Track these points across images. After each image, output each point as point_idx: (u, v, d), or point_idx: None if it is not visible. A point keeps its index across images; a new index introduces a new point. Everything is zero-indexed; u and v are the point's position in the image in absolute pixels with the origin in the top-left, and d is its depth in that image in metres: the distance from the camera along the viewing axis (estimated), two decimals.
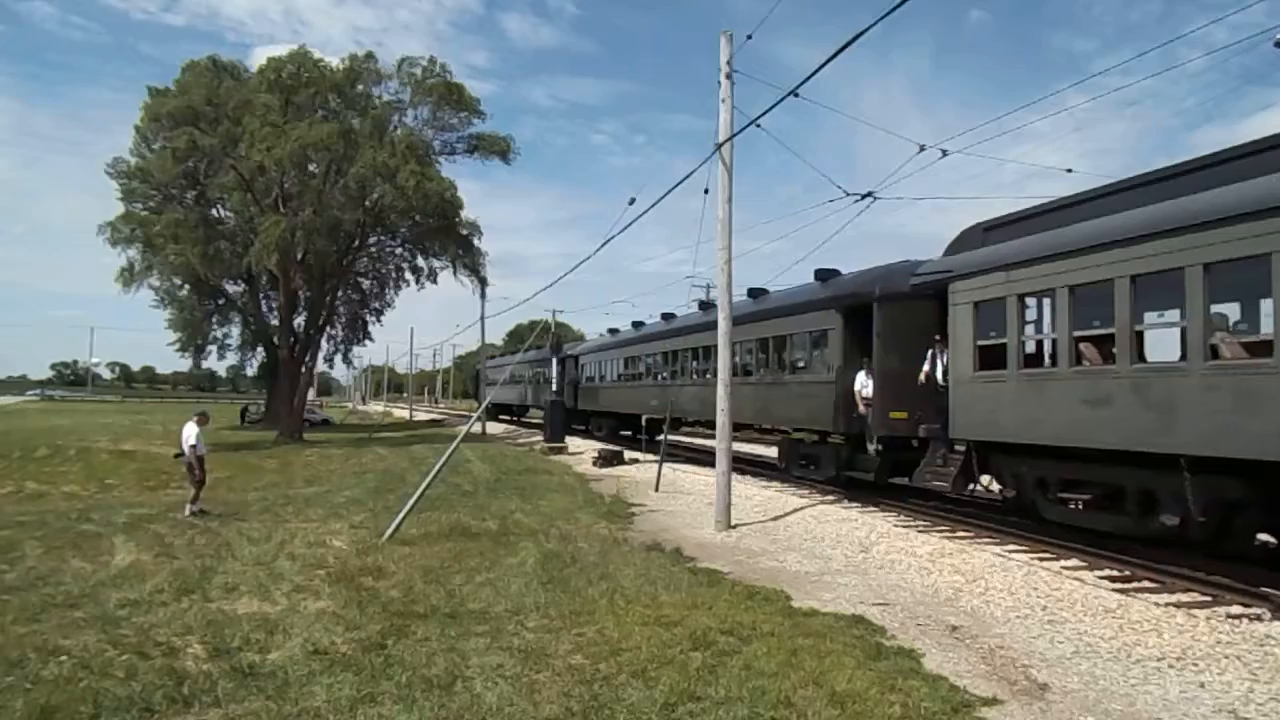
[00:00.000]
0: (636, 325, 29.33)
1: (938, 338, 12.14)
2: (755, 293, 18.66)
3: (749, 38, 12.18)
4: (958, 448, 11.80)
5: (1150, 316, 9.20)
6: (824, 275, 15.77)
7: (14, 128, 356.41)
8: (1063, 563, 9.25)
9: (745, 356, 17.86)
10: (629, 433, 29.35)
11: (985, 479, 11.76)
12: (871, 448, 13.62)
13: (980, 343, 11.06)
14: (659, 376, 24.83)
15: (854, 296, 14.24)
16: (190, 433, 13.29)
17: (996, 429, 10.79)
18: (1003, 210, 12.10)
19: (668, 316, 26.14)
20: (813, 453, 16.36)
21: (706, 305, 22.04)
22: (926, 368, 12.43)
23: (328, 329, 42.22)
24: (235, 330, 48.81)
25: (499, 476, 18.59)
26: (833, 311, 14.77)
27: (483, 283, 39.04)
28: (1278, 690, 5.25)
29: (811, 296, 15.85)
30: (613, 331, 32.33)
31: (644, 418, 25.28)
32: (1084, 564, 9.19)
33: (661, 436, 19.74)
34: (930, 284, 12.29)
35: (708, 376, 19.19)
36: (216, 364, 56.91)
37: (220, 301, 46.01)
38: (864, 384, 13.69)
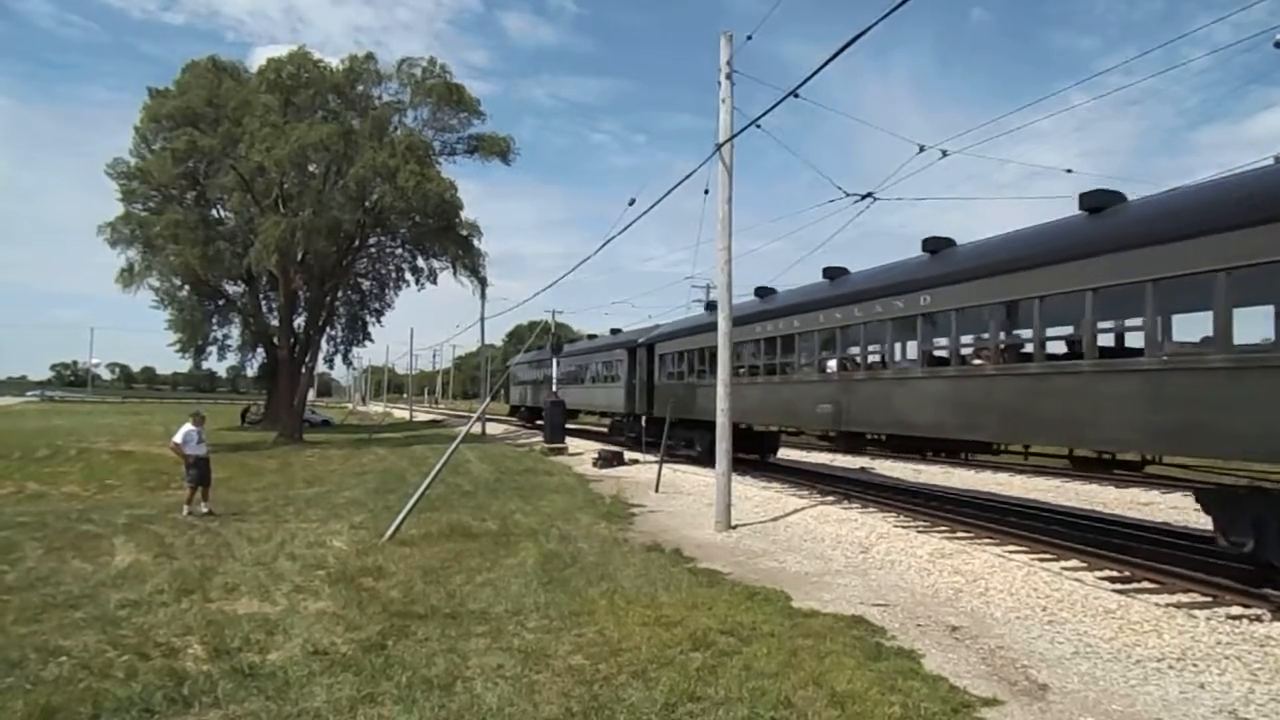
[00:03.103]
0: (762, 293, 18.89)
1: None
2: (1094, 196, 9.94)
3: (749, 38, 12.20)
4: None
5: None
6: None
7: (12, 127, 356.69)
8: (1062, 563, 9.24)
9: (1106, 317, 9.91)
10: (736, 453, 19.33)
11: None
12: None
13: None
14: (828, 366, 15.20)
15: None
16: (180, 431, 13.37)
17: None
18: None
19: (831, 273, 15.83)
20: None
21: (938, 243, 12.74)
22: None
23: (327, 329, 42.27)
24: (235, 331, 48.79)
25: (499, 477, 18.60)
26: None
27: (482, 283, 39.16)
28: (1277, 691, 5.24)
29: None
30: (710, 307, 22.89)
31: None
32: (1084, 564, 9.18)
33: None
34: None
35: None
36: (216, 364, 56.66)
37: (220, 302, 46.03)
38: None
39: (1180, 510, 13.79)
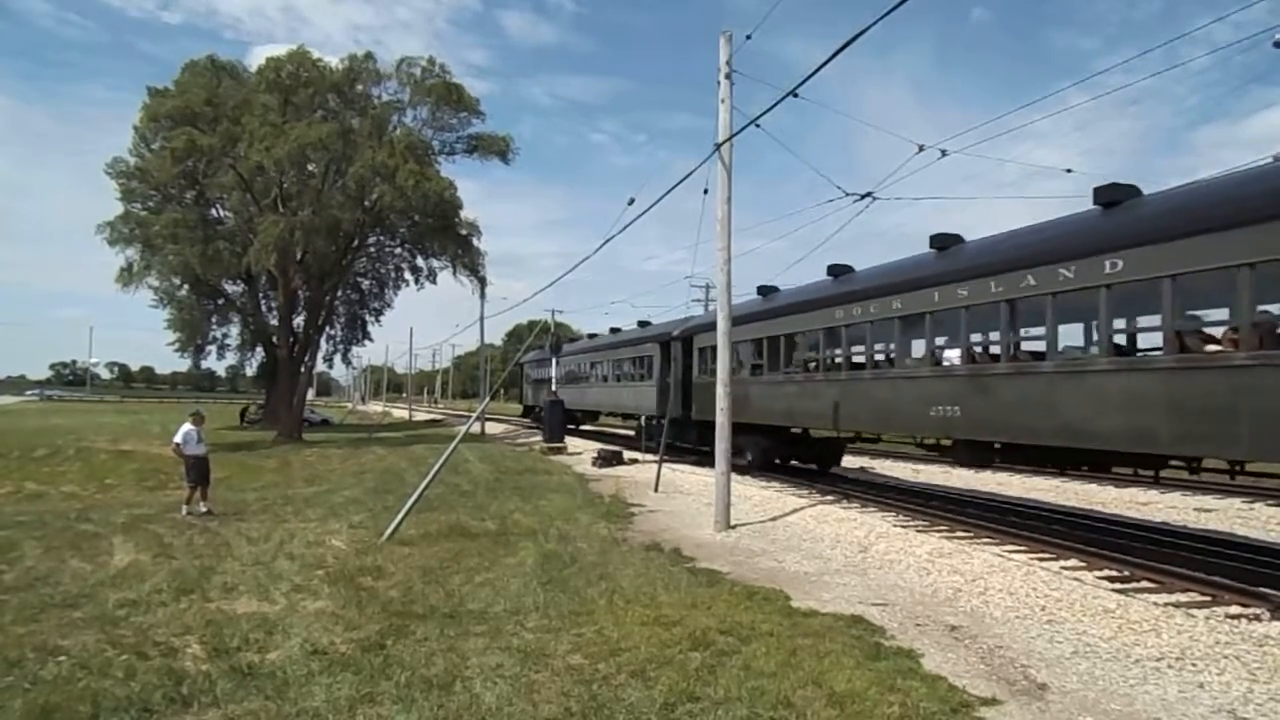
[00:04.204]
0: (836, 272, 15.96)
1: None
2: None
3: (748, 38, 12.18)
4: None
5: None
6: None
7: (12, 126, 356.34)
8: (1062, 563, 9.25)
9: None
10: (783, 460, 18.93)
11: None
12: None
13: None
14: (946, 358, 12.40)
15: None
16: (180, 432, 13.38)
17: None
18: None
19: (942, 242, 12.96)
20: None
21: (1118, 193, 10.01)
22: None
23: (327, 329, 42.26)
24: (234, 330, 48.77)
25: (498, 477, 18.59)
26: None
27: (482, 283, 39.10)
28: (1276, 690, 5.25)
29: None
30: (764, 291, 18.88)
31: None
32: (1083, 564, 9.19)
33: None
34: None
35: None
36: (216, 364, 56.55)
37: (220, 301, 45.99)
38: None
39: (1178, 510, 13.81)
